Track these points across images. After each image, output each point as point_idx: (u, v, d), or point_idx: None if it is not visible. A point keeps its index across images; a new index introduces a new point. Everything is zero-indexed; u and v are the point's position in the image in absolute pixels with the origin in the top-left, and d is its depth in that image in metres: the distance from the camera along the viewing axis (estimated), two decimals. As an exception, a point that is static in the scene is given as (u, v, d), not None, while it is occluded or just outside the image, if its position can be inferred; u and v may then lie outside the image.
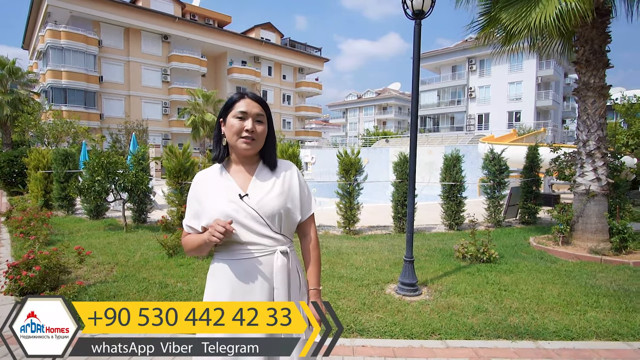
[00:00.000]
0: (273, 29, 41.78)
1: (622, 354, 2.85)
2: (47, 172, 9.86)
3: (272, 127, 1.48)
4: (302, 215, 1.49)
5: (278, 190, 1.42)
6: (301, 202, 1.48)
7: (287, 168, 1.50)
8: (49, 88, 27.65)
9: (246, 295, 1.36)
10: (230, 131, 1.39)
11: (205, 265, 4.96)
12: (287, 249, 1.41)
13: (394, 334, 3.13)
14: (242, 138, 1.38)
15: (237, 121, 1.38)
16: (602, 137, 5.77)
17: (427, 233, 7.55)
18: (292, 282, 1.41)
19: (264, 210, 1.37)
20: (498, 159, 8.12)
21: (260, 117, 1.40)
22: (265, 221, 1.37)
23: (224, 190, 1.40)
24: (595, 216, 5.76)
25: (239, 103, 1.39)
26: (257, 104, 1.41)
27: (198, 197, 1.43)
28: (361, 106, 64.77)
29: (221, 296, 1.38)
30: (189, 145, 8.04)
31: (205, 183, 1.44)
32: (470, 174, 8.76)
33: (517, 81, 35.72)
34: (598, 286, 4.29)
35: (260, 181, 1.43)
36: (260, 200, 1.38)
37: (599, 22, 5.61)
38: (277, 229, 1.40)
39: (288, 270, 1.39)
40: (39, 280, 3.86)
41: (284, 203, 1.41)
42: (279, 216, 1.39)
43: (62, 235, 6.79)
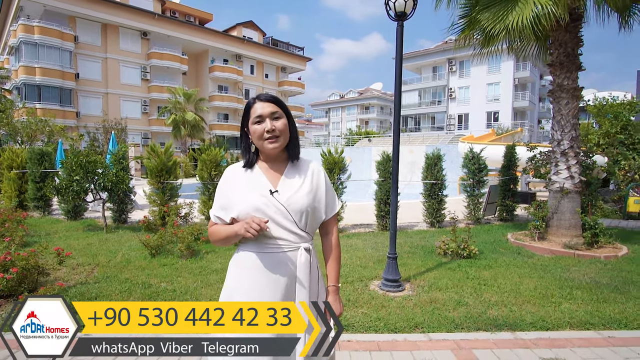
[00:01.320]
0: (255, 27, 41.50)
1: (594, 342, 3.00)
2: (21, 172, 9.54)
3: (291, 120, 1.52)
4: (326, 215, 1.56)
5: (307, 189, 1.48)
6: (326, 201, 1.55)
7: (315, 169, 1.56)
8: (22, 85, 26.63)
9: (266, 287, 1.41)
10: (255, 136, 1.47)
11: (189, 265, 4.93)
12: (309, 246, 1.46)
13: (378, 328, 3.20)
14: (267, 139, 1.44)
15: (257, 126, 1.45)
16: (575, 137, 6.01)
17: (409, 231, 7.69)
18: (312, 278, 1.45)
19: (292, 207, 1.43)
20: (477, 158, 8.34)
21: (275, 114, 1.46)
22: (292, 217, 1.42)
23: (255, 185, 1.46)
24: (569, 212, 6.00)
25: (253, 109, 1.47)
26: (269, 104, 1.46)
27: (228, 189, 1.49)
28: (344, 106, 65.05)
29: (242, 286, 1.43)
30: (171, 144, 7.93)
31: (237, 177, 1.50)
32: (450, 173, 8.94)
33: (496, 82, 36.64)
34: (571, 279, 4.48)
35: (289, 179, 1.49)
36: (289, 197, 1.44)
37: (571, 26, 5.85)
38: (302, 226, 1.45)
39: (310, 266, 1.43)
40: (16, 282, 3.75)
41: (311, 201, 1.47)
42: (305, 213, 1.45)
43: (39, 237, 6.59)
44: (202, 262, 5.09)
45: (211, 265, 4.95)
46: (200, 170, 7.49)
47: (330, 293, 1.55)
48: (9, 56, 30.29)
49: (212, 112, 36.64)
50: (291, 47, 45.74)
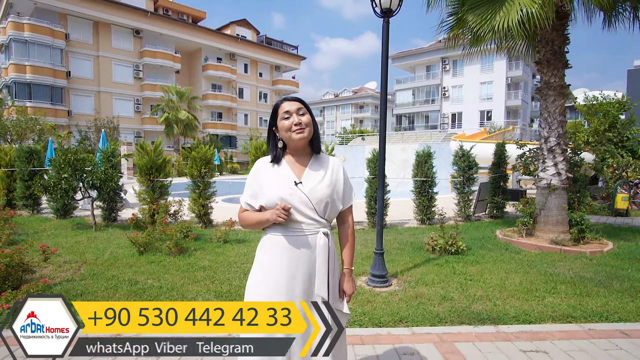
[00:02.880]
0: (249, 25, 41.36)
1: (574, 334, 3.04)
2: (9, 170, 9.43)
3: (313, 117, 1.71)
4: (344, 205, 1.74)
5: (327, 181, 1.66)
6: (344, 193, 1.73)
7: (335, 164, 1.75)
8: (12, 83, 26.32)
9: (292, 264, 1.58)
10: (283, 130, 1.64)
11: (177, 262, 4.92)
12: (327, 231, 1.65)
13: (363, 323, 3.22)
14: (294, 131, 1.62)
15: (285, 121, 1.63)
16: (562, 134, 6.07)
17: (399, 228, 7.73)
18: (330, 258, 1.64)
19: (314, 197, 1.60)
20: (467, 156, 8.39)
21: (301, 110, 1.65)
22: (313, 206, 1.60)
23: (282, 177, 1.64)
24: (556, 209, 6.06)
25: (281, 107, 1.66)
26: (295, 102, 1.66)
27: (258, 180, 1.67)
28: (338, 105, 65.08)
29: (271, 264, 1.60)
30: (161, 141, 7.88)
31: (266, 170, 1.68)
32: (443, 171, 8.99)
33: (489, 81, 36.86)
34: (557, 274, 4.54)
35: (312, 172, 1.67)
36: (312, 188, 1.62)
37: (558, 25, 5.90)
38: (322, 213, 1.63)
39: (328, 248, 1.62)
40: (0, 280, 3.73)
41: (331, 193, 1.65)
42: (325, 203, 1.63)
43: (27, 235, 6.53)
44: (189, 259, 5.08)
45: (199, 262, 4.94)
46: (190, 167, 7.46)
47: (345, 275, 1.73)
48: (-1, 54, 29.91)
49: (205, 111, 36.49)
50: (285, 46, 45.65)
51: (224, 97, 37.72)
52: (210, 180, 7.58)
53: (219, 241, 6.01)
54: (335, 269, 1.70)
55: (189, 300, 3.67)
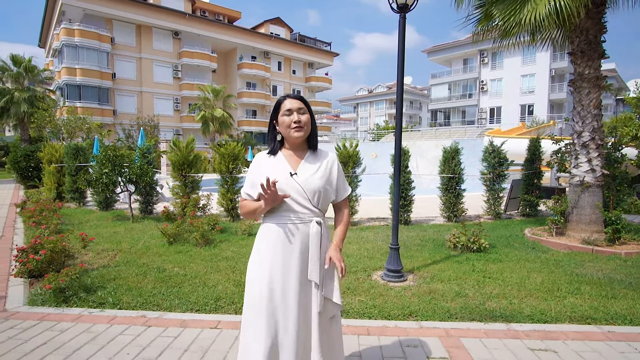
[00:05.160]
0: (282, 24, 41.87)
1: (590, 335, 2.94)
2: (59, 166, 10.26)
3: (313, 117, 1.82)
4: (337, 197, 1.87)
5: (321, 173, 1.77)
6: (337, 186, 1.85)
7: (330, 158, 1.86)
8: (64, 85, 28.38)
9: (286, 250, 1.70)
10: (283, 126, 1.75)
11: (202, 253, 5.19)
12: (320, 220, 1.76)
13: (372, 315, 3.28)
14: (293, 128, 1.73)
15: (286, 117, 1.74)
16: (597, 128, 5.76)
17: (424, 224, 7.64)
18: (322, 245, 1.75)
19: (308, 187, 1.71)
20: (497, 152, 8.12)
21: (301, 109, 1.75)
22: (307, 196, 1.71)
23: (278, 168, 1.75)
24: (590, 207, 5.77)
25: (283, 104, 1.76)
26: (297, 101, 1.76)
27: (257, 171, 1.78)
28: (372, 101, 64.48)
29: (268, 250, 1.72)
30: (193, 139, 8.27)
31: (264, 161, 1.80)
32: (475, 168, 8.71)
33: (530, 74, 35.13)
34: (583, 275, 4.35)
35: (307, 164, 1.78)
36: (306, 179, 1.72)
37: (594, 12, 5.58)
38: (315, 203, 1.74)
39: (320, 236, 1.73)
40: (45, 263, 4.13)
41: (324, 184, 1.76)
42: (318, 194, 1.73)
43: (72, 225, 7.11)
44: (214, 250, 5.34)
45: (223, 253, 5.18)
46: (219, 163, 7.77)
47: (333, 245, 1.80)
48: (53, 58, 32.29)
49: (240, 109, 37.47)
50: (318, 43, 45.80)
51: (258, 94, 38.53)
52: (238, 175, 7.86)
53: (244, 234, 6.26)
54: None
55: (210, 287, 3.89)
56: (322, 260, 1.74)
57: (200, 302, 3.52)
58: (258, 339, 1.65)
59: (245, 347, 1.71)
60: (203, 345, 2.76)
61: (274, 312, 1.66)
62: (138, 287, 3.89)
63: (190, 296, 3.65)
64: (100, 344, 2.77)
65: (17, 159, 14.51)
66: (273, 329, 1.66)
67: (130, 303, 3.51)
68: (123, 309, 3.42)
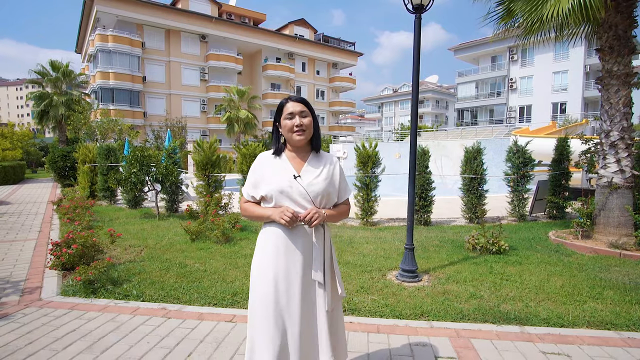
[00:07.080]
0: (307, 25, 42.15)
1: (608, 341, 2.86)
2: (92, 166, 10.81)
3: (315, 119, 1.82)
4: (339, 199, 1.88)
5: (324, 176, 1.78)
6: (339, 188, 1.85)
7: (332, 161, 1.87)
8: (98, 89, 29.77)
9: (289, 253, 1.71)
10: (285, 129, 1.77)
11: (222, 250, 5.37)
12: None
13: (383, 314, 3.32)
14: (295, 132, 1.74)
15: (288, 121, 1.75)
16: (627, 127, 5.53)
17: (445, 226, 7.55)
18: (325, 246, 1.76)
19: (311, 190, 1.72)
20: (522, 152, 7.91)
21: (304, 112, 1.76)
22: (311, 198, 1.71)
23: (282, 170, 1.75)
24: (618, 209, 5.54)
25: (286, 107, 1.77)
26: (299, 104, 1.76)
27: (259, 171, 1.79)
28: (397, 100, 63.81)
29: (270, 252, 1.72)
30: (215, 139, 8.54)
31: (267, 162, 1.81)
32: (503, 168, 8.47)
33: (563, 70, 33.73)
34: (607, 279, 4.20)
35: (311, 167, 1.79)
36: (310, 182, 1.73)
37: (623, 6, 5.36)
38: (318, 205, 1.74)
39: (324, 237, 1.76)
40: (77, 257, 4.41)
41: (327, 187, 1.77)
42: (321, 196, 1.74)
43: (103, 222, 7.49)
44: (234, 247, 5.51)
45: (242, 250, 5.34)
46: (240, 163, 7.98)
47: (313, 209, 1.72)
48: (89, 63, 33.92)
49: (265, 109, 38.03)
50: (342, 43, 45.81)
51: (283, 95, 38.85)
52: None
53: (263, 232, 6.41)
54: (332, 257, 1.81)
55: (228, 283, 4.04)
56: (325, 260, 1.75)
57: (218, 297, 3.66)
58: (266, 341, 1.65)
59: (253, 348, 1.72)
60: (218, 337, 2.89)
61: (281, 314, 1.68)
62: (161, 281, 4.09)
63: (209, 291, 3.81)
64: (123, 332, 2.95)
65: (55, 159, 15.40)
66: (281, 331, 1.67)
67: (153, 296, 3.70)
68: (146, 301, 3.61)
